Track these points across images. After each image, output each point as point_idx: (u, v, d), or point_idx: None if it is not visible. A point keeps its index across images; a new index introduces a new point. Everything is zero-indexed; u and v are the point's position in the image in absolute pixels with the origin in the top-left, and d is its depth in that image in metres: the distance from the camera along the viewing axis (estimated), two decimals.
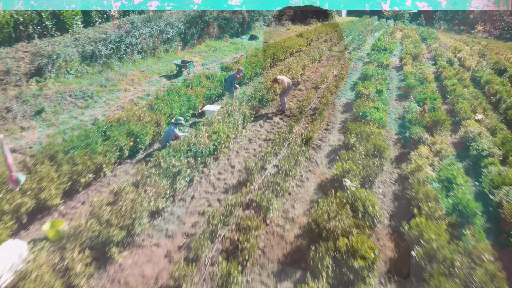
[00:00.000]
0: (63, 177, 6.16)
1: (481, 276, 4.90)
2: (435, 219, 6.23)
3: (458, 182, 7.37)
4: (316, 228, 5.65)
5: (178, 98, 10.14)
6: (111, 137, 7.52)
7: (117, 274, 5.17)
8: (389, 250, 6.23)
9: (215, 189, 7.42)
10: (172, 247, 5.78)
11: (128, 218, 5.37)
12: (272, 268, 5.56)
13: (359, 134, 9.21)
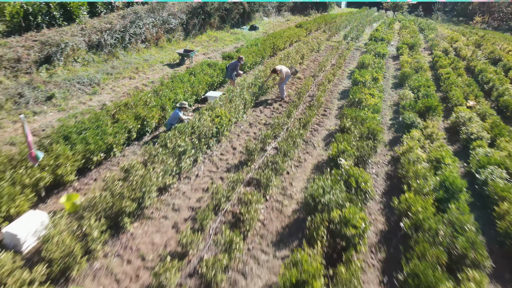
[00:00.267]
0: (77, 155, 6.53)
1: (462, 243, 5.30)
2: (423, 194, 6.63)
3: (446, 162, 7.76)
4: (312, 202, 6.03)
5: (182, 84, 10.45)
6: (119, 120, 7.88)
7: (129, 242, 5.56)
8: (380, 223, 6.62)
9: (218, 169, 7.80)
10: (179, 219, 6.17)
11: (139, 191, 5.75)
12: (271, 238, 5.95)
13: (354, 119, 9.55)
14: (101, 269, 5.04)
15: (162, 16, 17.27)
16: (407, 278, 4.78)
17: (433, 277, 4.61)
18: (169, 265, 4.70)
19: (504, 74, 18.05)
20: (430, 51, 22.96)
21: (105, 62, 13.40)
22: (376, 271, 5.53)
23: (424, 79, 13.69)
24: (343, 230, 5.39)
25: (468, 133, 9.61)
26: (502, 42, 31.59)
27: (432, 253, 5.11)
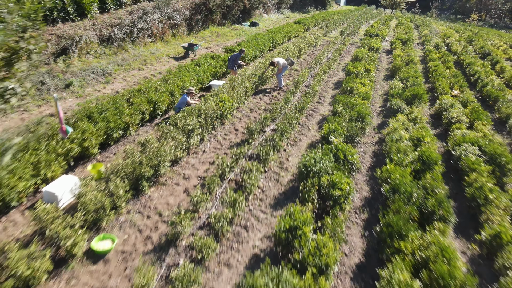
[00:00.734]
0: (99, 131, 7.39)
1: (432, 202, 6.17)
2: (403, 166, 7.49)
3: (426, 140, 8.62)
4: (305, 170, 6.90)
5: (188, 73, 11.30)
6: (134, 103, 8.74)
7: (147, 202, 6.44)
8: (365, 191, 7.49)
9: (222, 146, 8.66)
10: (189, 185, 7.04)
11: (155, 159, 6.61)
12: (269, 201, 6.82)
13: (345, 104, 10.41)
14: (125, 222, 5.92)
15: (167, 12, 18.08)
16: (383, 228, 5.65)
17: (403, 226, 5.48)
18: (183, 216, 5.57)
19: (491, 67, 18.93)
20: (423, 46, 23.75)
21: (115, 55, 14.23)
22: (359, 227, 6.40)
23: (413, 71, 14.53)
24: (330, 192, 6.26)
25: (449, 117, 10.48)
26: (494, 38, 32.42)
27: (405, 210, 5.98)
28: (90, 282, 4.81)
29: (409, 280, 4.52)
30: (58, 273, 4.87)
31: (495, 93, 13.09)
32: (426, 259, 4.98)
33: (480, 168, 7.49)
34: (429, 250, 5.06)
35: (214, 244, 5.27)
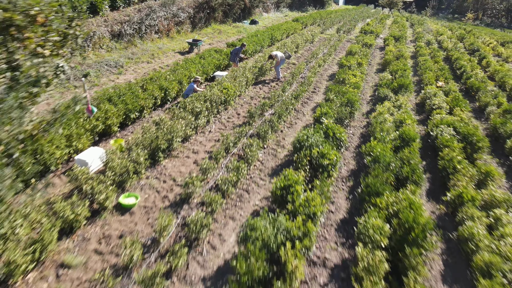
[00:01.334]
0: (119, 111, 8.39)
1: (406, 169, 7.17)
2: (385, 142, 8.48)
3: (407, 122, 9.62)
4: (298, 144, 7.90)
5: (194, 65, 12.30)
6: (147, 89, 9.73)
7: (163, 171, 7.44)
8: (351, 165, 8.49)
9: (226, 127, 9.67)
10: (198, 158, 8.05)
11: (169, 134, 7.62)
12: (267, 171, 7.82)
13: (337, 92, 11.40)
14: (145, 185, 6.92)
15: (172, 10, 19.06)
16: (363, 189, 6.65)
17: (380, 187, 6.48)
18: (195, 179, 6.58)
19: (478, 62, 19.95)
20: (415, 43, 24.72)
21: (126, 49, 15.22)
22: (345, 192, 7.41)
23: (402, 64, 15.52)
24: (320, 161, 7.27)
25: (432, 104, 11.48)
26: (486, 36, 33.38)
27: (383, 175, 6.98)
28: (119, 228, 5.82)
29: (381, 224, 5.53)
30: (93, 221, 5.88)
31: (478, 85, 14.10)
32: (396, 211, 5.98)
33: (452, 145, 8.49)
34: (400, 204, 6.07)
35: (221, 200, 6.27)
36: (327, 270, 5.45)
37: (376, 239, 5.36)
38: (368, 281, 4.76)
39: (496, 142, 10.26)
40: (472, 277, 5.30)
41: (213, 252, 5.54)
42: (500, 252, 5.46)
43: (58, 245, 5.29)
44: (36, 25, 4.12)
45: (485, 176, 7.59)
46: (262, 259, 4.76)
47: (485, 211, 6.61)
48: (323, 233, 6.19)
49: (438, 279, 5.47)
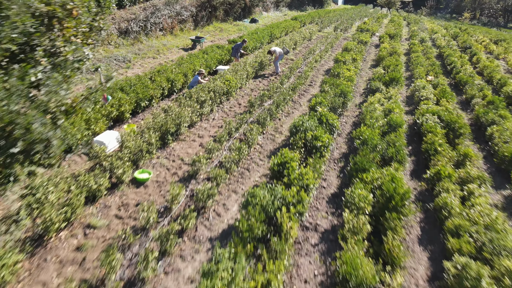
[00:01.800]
0: (131, 100, 9.13)
1: (391, 150, 7.91)
2: (374, 128, 9.23)
3: (395, 111, 10.36)
4: (294, 129, 8.64)
5: (198, 60, 13.04)
6: (156, 80, 10.48)
7: (171, 151, 8.19)
8: (343, 149, 9.24)
9: (228, 115, 10.41)
10: (203, 141, 8.79)
11: (177, 119, 8.36)
12: (266, 153, 8.56)
13: (332, 84, 12.14)
14: (156, 163, 7.67)
15: (176, 8, 19.79)
16: (352, 166, 7.40)
17: (366, 164, 7.23)
18: (201, 156, 7.33)
19: (469, 59, 20.69)
20: (410, 41, 25.43)
21: (132, 45, 15.96)
22: (336, 171, 8.15)
23: (394, 60, 16.26)
24: (313, 143, 8.02)
25: (420, 96, 12.22)
26: (480, 35, 34.08)
27: (370, 155, 7.73)
28: (135, 198, 6.57)
29: (365, 194, 6.28)
30: (113, 192, 6.63)
31: (465, 79, 14.83)
32: (380, 184, 6.73)
33: (436, 131, 9.24)
34: (383, 178, 6.81)
35: (225, 175, 7.02)
36: (318, 233, 6.20)
37: (361, 206, 6.11)
38: (352, 239, 5.51)
39: (478, 130, 11.00)
40: (443, 238, 6.05)
41: (218, 218, 6.29)
42: (469, 218, 6.20)
43: (84, 210, 6.04)
44: (71, 17, 4.85)
45: (463, 158, 8.33)
46: (261, 220, 5.52)
47: (460, 186, 7.36)
48: (315, 205, 6.94)
49: (415, 241, 6.22)
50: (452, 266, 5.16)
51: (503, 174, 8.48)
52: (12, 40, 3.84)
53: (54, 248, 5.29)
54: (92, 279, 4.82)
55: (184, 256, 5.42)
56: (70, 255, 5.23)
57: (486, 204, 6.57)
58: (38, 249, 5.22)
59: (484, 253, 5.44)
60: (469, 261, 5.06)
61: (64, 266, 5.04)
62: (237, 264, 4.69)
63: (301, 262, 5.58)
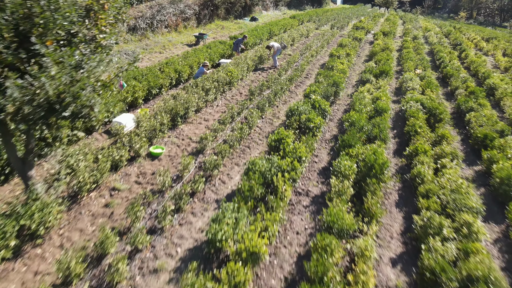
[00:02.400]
0: (143, 87, 10.10)
1: (376, 130, 8.88)
2: (362, 113, 10.19)
3: (382, 99, 11.33)
4: (290, 112, 9.61)
5: (202, 53, 14.01)
6: (165, 71, 11.44)
7: (181, 132, 9.16)
8: (334, 131, 10.20)
9: (230, 103, 11.38)
10: (209, 124, 9.76)
11: (185, 104, 9.33)
12: (265, 134, 9.53)
13: (325, 76, 13.11)
14: (168, 141, 8.64)
15: (180, 7, 20.75)
16: (340, 143, 8.37)
17: (352, 141, 8.20)
18: (208, 135, 8.30)
19: (458, 55, 21.66)
20: (403, 38, 26.38)
21: (140, 41, 16.92)
22: (327, 150, 9.12)
23: (386, 55, 17.23)
24: (307, 124, 8.99)
25: (407, 86, 13.19)
26: (473, 33, 35.03)
27: (357, 134, 8.70)
28: (151, 168, 7.54)
29: (350, 164, 7.24)
30: (131, 163, 7.61)
31: (451, 72, 15.80)
32: (364, 158, 7.70)
33: (417, 115, 10.20)
34: (367, 153, 7.78)
35: (229, 149, 7.99)
36: (309, 198, 7.17)
37: (346, 174, 7.09)
38: (337, 200, 6.48)
39: (459, 117, 11.97)
40: (416, 200, 7.02)
41: (223, 185, 7.27)
42: (439, 185, 7.18)
43: (109, 176, 7.02)
44: (103, 10, 5.80)
45: (440, 138, 9.30)
46: (260, 183, 6.49)
47: (435, 161, 8.33)
48: (308, 175, 7.91)
49: (393, 205, 7.19)
50: (419, 219, 6.14)
51: (476, 153, 9.44)
52: (63, 26, 4.79)
53: (86, 205, 6.27)
54: (120, 227, 5.80)
55: (195, 213, 6.40)
56: (100, 210, 6.21)
57: (456, 174, 7.54)
58: (73, 205, 6.20)
59: (447, 209, 6.42)
60: (434, 214, 6.03)
61: (96, 218, 6.02)
62: (240, 213, 5.68)
63: (294, 219, 6.55)
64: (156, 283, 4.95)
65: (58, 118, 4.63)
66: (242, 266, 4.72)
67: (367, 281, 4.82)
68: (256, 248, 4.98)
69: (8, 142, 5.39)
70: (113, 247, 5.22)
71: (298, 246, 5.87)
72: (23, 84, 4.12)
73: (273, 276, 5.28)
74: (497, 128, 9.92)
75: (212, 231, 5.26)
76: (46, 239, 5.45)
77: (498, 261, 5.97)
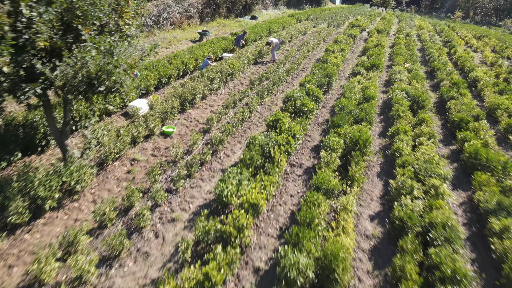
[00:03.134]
0: (154, 76, 11.14)
1: (358, 113, 9.92)
2: (351, 100, 11.22)
3: (371, 88, 12.36)
4: (287, 98, 10.64)
5: (206, 48, 15.04)
6: (173, 63, 12.48)
7: (188, 115, 10.20)
8: (326, 116, 11.24)
9: (233, 91, 12.42)
10: (213, 109, 10.79)
11: (192, 90, 10.37)
12: (264, 118, 10.57)
13: (320, 68, 14.14)
14: (177, 123, 9.68)
15: (184, 6, 21.77)
16: (330, 124, 9.41)
17: (341, 121, 9.24)
18: (213, 116, 9.34)
19: (448, 51, 22.69)
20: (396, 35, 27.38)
21: (147, 37, 17.95)
22: (319, 131, 10.16)
23: (378, 50, 18.26)
24: (301, 108, 10.04)
25: (395, 78, 14.23)
26: (465, 31, 36.05)
27: (346, 117, 9.74)
28: (164, 144, 8.58)
29: (338, 140, 8.28)
30: (147, 140, 8.64)
31: (438, 66, 16.82)
32: (351, 136, 8.74)
33: (402, 102, 11.24)
34: (353, 131, 8.82)
35: (232, 129, 9.03)
36: (301, 169, 8.21)
37: (334, 148, 8.12)
38: (326, 168, 7.52)
39: (442, 105, 12.99)
40: (394, 170, 8.06)
41: (227, 158, 8.31)
42: (415, 157, 8.21)
43: (129, 149, 8.06)
44: (127, 5, 6.82)
45: (421, 122, 10.33)
46: (259, 154, 7.53)
47: (414, 140, 9.37)
48: (301, 152, 8.95)
49: (375, 175, 8.22)
50: (394, 182, 7.19)
51: (453, 135, 10.46)
52: (98, 17, 5.82)
53: (112, 171, 7.32)
54: (142, 188, 6.84)
55: (203, 179, 7.44)
56: (123, 175, 7.26)
57: (431, 150, 8.57)
58: (101, 171, 7.24)
59: (419, 176, 7.46)
60: (407, 179, 7.07)
61: (120, 182, 7.07)
62: (243, 175, 6.72)
63: (288, 185, 7.59)
64: (174, 229, 6.00)
65: (94, 92, 5.66)
66: (244, 214, 5.76)
67: (346, 226, 5.87)
68: (256, 200, 6.02)
69: (50, 115, 6.43)
70: (138, 201, 6.27)
71: (292, 205, 6.91)
72: (71, 63, 5.16)
73: (270, 226, 6.32)
74: (473, 114, 10.95)
75: (219, 189, 6.31)
76: (81, 196, 6.50)
77: (461, 218, 7.01)
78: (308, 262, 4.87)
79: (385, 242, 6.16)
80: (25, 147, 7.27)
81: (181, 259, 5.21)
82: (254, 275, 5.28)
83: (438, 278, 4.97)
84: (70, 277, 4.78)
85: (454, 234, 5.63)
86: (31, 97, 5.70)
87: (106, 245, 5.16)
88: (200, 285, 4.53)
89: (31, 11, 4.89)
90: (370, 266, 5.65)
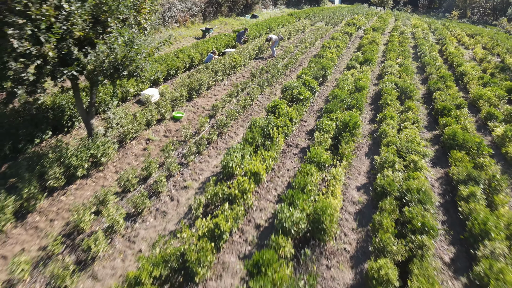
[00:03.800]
0: (164, 69, 12.07)
1: (353, 101, 10.85)
2: (344, 90, 12.15)
3: (363, 80, 13.29)
4: (285, 88, 11.57)
5: (210, 43, 15.97)
6: (180, 56, 13.42)
7: (195, 103, 11.13)
8: (321, 105, 12.17)
9: (235, 83, 13.36)
10: (218, 98, 11.72)
11: (199, 80, 11.31)
12: (264, 107, 11.50)
13: (316, 62, 15.07)
14: (185, 109, 10.61)
15: (188, 4, 22.68)
16: (324, 109, 10.34)
17: (333, 108, 10.17)
18: (218, 103, 10.28)
19: (440, 48, 23.61)
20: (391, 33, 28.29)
21: (153, 34, 18.86)
22: (314, 118, 11.09)
23: (371, 46, 19.18)
24: (298, 96, 10.97)
25: (386, 71, 15.17)
26: (459, 30, 36.97)
27: (339, 104, 10.67)
28: (175, 127, 9.52)
29: (330, 123, 9.22)
30: (159, 124, 9.58)
31: (428, 61, 17.75)
32: (342, 120, 9.67)
33: (390, 92, 12.16)
34: (345, 117, 9.75)
35: (236, 114, 9.97)
36: (297, 148, 9.14)
37: (326, 129, 9.06)
38: (318, 147, 8.45)
39: (429, 97, 13.91)
40: (380, 149, 9.00)
41: (231, 139, 9.25)
42: (399, 138, 9.14)
43: (143, 130, 9.00)
44: (144, 2, 7.75)
45: (407, 109, 11.26)
46: (260, 134, 8.47)
47: (399, 125, 10.30)
48: (297, 134, 9.88)
49: (363, 155, 9.15)
50: (379, 158, 8.12)
51: (437, 121, 11.38)
52: (122, 12, 6.74)
53: (130, 148, 8.26)
54: (157, 161, 7.78)
55: (210, 156, 8.38)
56: (140, 152, 8.20)
57: (414, 132, 9.50)
58: (120, 148, 8.18)
59: (401, 153, 8.40)
60: (390, 154, 8.01)
61: (138, 157, 8.01)
62: (245, 150, 7.66)
63: (286, 161, 8.53)
64: (186, 194, 6.94)
65: (119, 76, 6.60)
66: (247, 180, 6.69)
67: (335, 191, 6.80)
68: (257, 169, 6.96)
69: (78, 97, 7.37)
70: (154, 172, 7.21)
71: (288, 177, 7.85)
72: (103, 49, 6.09)
73: (269, 193, 7.26)
74: (455, 103, 11.88)
75: (225, 161, 7.25)
76: (105, 167, 7.44)
77: (437, 190, 7.94)
78: (301, 216, 5.81)
79: (368, 207, 7.10)
80: (54, 127, 8.21)
81: (194, 215, 6.15)
82: (255, 230, 6.21)
83: (410, 229, 5.91)
84: (103, 227, 5.72)
85: (426, 197, 6.56)
86: (65, 80, 6.64)
87: (131, 203, 6.10)
88: (211, 232, 5.46)
89: (70, 6, 5.82)
90: (355, 225, 6.59)
